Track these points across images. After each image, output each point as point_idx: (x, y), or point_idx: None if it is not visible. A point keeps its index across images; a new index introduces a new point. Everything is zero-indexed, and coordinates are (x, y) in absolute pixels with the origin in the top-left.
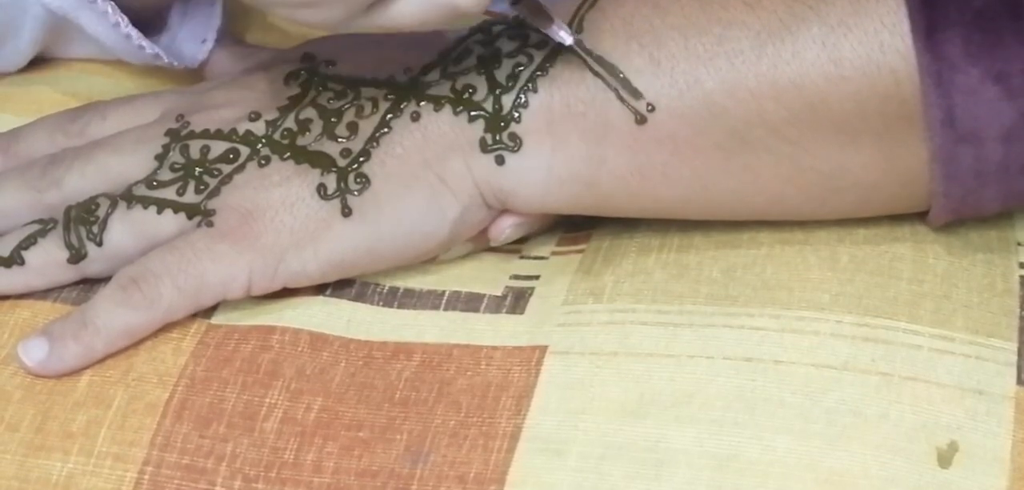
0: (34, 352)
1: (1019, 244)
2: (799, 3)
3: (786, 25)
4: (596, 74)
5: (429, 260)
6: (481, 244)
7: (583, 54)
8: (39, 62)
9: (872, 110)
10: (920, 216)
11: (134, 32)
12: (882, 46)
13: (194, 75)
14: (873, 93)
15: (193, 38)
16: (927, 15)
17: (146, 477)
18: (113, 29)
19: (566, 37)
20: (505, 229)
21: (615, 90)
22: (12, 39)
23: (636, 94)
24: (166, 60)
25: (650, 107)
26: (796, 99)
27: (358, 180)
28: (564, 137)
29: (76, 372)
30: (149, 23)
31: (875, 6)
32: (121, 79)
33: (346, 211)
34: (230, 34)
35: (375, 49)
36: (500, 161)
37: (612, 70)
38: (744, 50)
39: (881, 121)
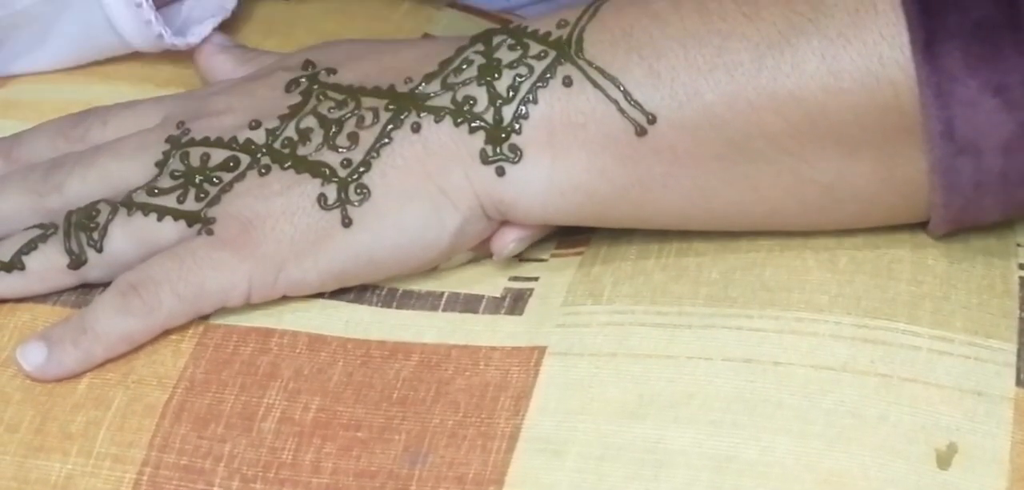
0: (32, 356)
1: (1019, 245)
2: (798, 15)
3: (785, 37)
4: (596, 86)
5: (430, 269)
6: (482, 253)
7: (583, 65)
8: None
9: (871, 122)
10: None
11: (178, 40)
12: (881, 58)
13: (195, 79)
14: (872, 105)
15: (201, 17)
16: (926, 27)
17: (145, 478)
18: (156, 39)
19: None
20: (509, 243)
21: (615, 102)
22: (41, 41)
23: (636, 106)
24: (196, 40)
25: (651, 118)
26: (795, 111)
27: (359, 191)
28: (565, 148)
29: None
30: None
31: (874, 18)
32: (120, 86)
33: (346, 222)
34: (230, 37)
35: (376, 58)
36: (501, 172)
37: (613, 82)
38: (743, 62)
39: (880, 133)
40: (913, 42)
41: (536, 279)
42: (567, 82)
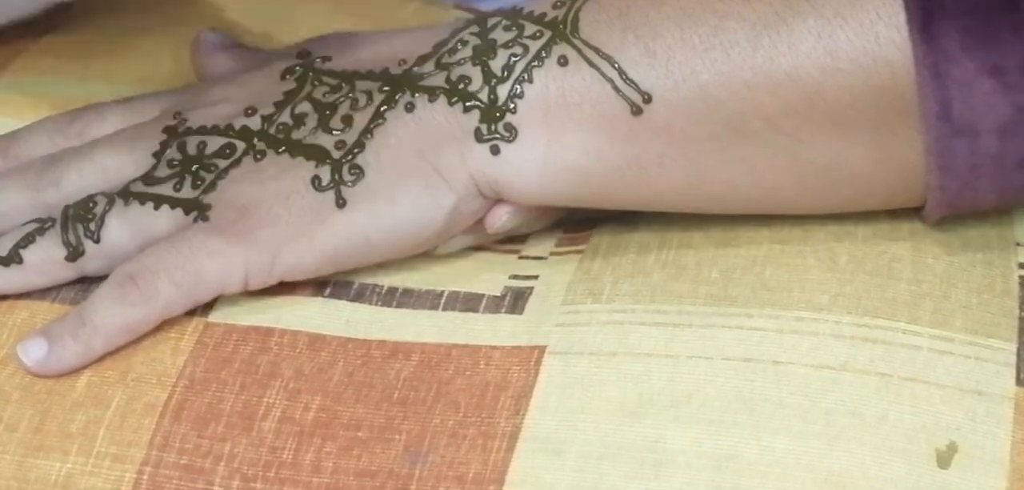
0: (33, 352)
1: (1018, 244)
2: None
3: (782, 17)
4: (592, 65)
5: (426, 253)
6: (479, 235)
7: (579, 45)
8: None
9: (868, 102)
10: (918, 216)
11: None
12: (878, 38)
13: (193, 75)
14: (869, 85)
15: None
16: (923, 6)
17: (145, 477)
18: None
19: None
20: (502, 216)
21: (611, 81)
22: None
23: (632, 85)
24: None
25: (646, 98)
26: (792, 91)
27: (352, 171)
28: (560, 128)
29: (75, 372)
30: None
31: None
32: (120, 85)
33: (341, 202)
34: (231, 36)
35: (371, 44)
36: (495, 151)
37: (608, 61)
38: (740, 41)
39: (877, 113)
40: (910, 22)
41: (536, 278)
42: (562, 61)
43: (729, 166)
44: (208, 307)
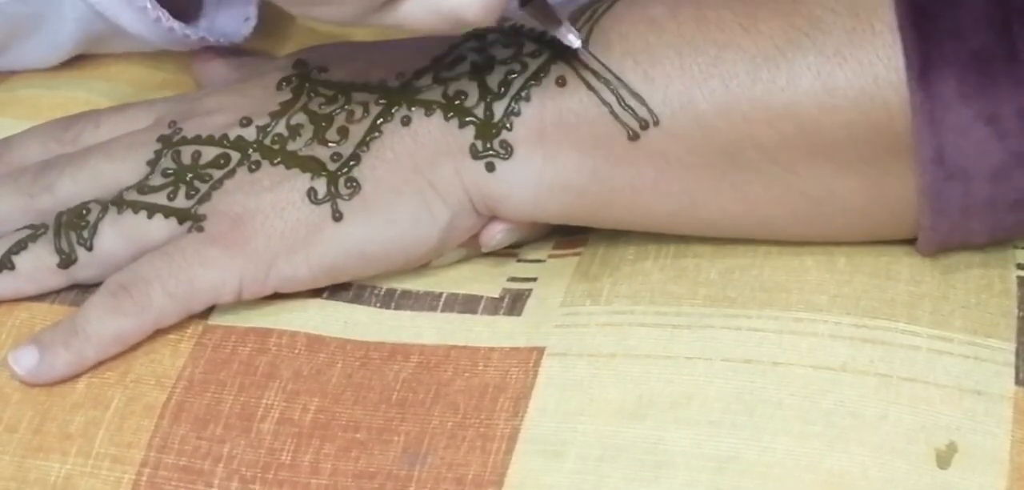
0: (25, 360)
1: (1015, 247)
2: (795, 30)
3: (782, 51)
4: (605, 81)
5: (422, 266)
6: (474, 250)
7: (592, 59)
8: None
9: (863, 140)
10: None
11: (176, 24)
12: (876, 79)
13: (190, 83)
14: (865, 124)
15: (232, 18)
16: (922, 52)
17: (144, 478)
18: (154, 24)
19: (574, 40)
20: (496, 234)
21: (609, 106)
22: (45, 32)
23: (640, 104)
24: (212, 39)
25: (643, 123)
26: (788, 124)
27: (348, 184)
28: (556, 147)
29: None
30: (185, 10)
31: (871, 39)
32: (120, 85)
33: (337, 215)
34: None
35: (367, 56)
36: (490, 168)
37: (617, 81)
38: (739, 73)
39: (872, 151)
40: (909, 67)
41: (534, 280)
42: (561, 82)
43: (723, 194)
44: (208, 309)
